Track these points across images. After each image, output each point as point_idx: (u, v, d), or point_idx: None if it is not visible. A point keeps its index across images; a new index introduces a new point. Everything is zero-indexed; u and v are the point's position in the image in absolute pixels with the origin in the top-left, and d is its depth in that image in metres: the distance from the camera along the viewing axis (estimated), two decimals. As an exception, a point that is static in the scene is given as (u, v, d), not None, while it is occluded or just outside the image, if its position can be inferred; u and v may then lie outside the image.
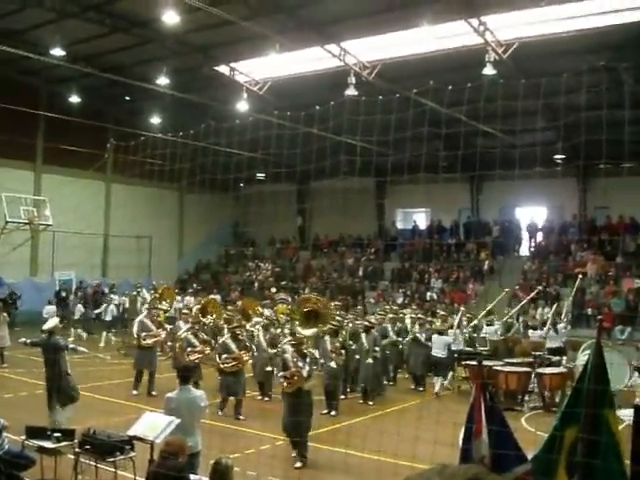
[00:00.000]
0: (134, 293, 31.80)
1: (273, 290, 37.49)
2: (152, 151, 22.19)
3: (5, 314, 23.52)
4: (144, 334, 18.90)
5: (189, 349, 17.59)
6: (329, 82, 26.78)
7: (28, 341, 14.53)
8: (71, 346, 13.74)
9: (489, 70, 22.87)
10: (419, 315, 24.03)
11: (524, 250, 36.49)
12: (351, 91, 24.87)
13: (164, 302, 24.16)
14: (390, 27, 23.77)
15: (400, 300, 33.24)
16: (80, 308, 29.96)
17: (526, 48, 23.54)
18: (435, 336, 20.56)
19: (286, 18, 24.12)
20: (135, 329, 19.31)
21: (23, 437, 9.83)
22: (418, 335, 21.13)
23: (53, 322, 13.53)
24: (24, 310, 30.06)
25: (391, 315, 23.04)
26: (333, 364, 16.64)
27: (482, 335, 23.95)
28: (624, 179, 27.78)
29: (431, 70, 25.02)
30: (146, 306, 22.23)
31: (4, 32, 26.34)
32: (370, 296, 35.43)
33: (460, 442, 5.85)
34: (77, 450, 9.35)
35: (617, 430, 5.47)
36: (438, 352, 20.07)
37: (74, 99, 32.17)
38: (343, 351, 17.81)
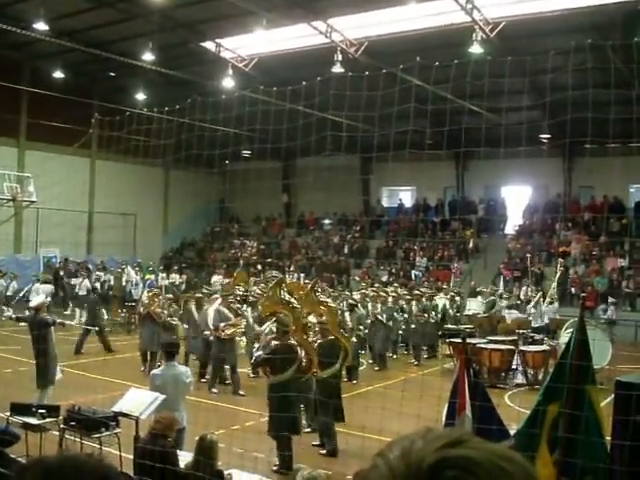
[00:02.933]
0: (119, 270, 31.75)
1: (258, 267, 37.53)
2: (137, 127, 22.05)
3: None
4: (223, 324, 16.83)
5: (223, 324, 16.82)
6: (315, 59, 26.66)
7: (14, 316, 14.55)
8: (58, 320, 13.73)
9: (476, 48, 22.87)
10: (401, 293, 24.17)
11: (509, 229, 36.63)
12: (337, 68, 24.81)
13: (239, 287, 21.77)
14: (377, 4, 23.71)
15: (385, 278, 33.33)
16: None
17: (513, 27, 23.55)
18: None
19: (273, -6, 24.00)
20: (211, 320, 17.30)
21: (8, 413, 9.82)
22: (379, 316, 21.17)
23: (40, 299, 13.51)
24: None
25: (372, 293, 23.01)
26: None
27: (466, 313, 24.24)
28: (609, 159, 27.96)
29: (418, 48, 24.90)
30: (217, 294, 20.39)
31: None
32: (355, 274, 35.51)
33: (444, 418, 5.91)
34: (62, 426, 9.35)
35: (599, 405, 5.54)
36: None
37: (58, 74, 31.88)
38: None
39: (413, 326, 21.88)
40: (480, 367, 17.19)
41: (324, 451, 11.57)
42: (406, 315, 22.41)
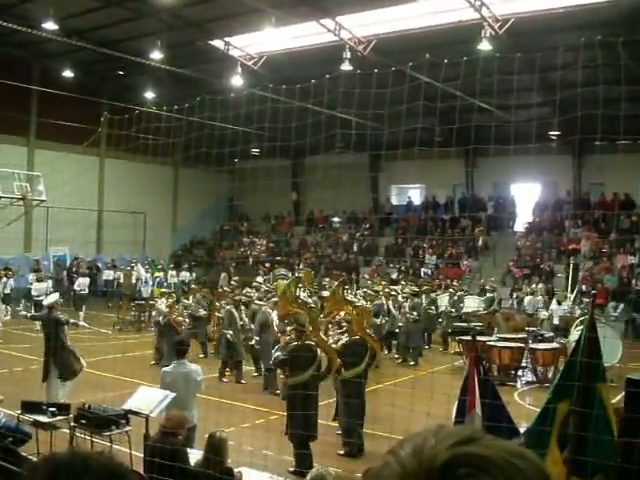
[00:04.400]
0: (128, 268, 31.80)
1: (267, 265, 37.56)
2: (146, 125, 22.08)
3: None
4: (289, 328, 15.88)
5: (289, 328, 16.09)
6: (324, 57, 26.66)
7: (29, 315, 14.65)
8: (72, 321, 13.78)
9: (485, 45, 22.81)
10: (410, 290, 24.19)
11: (518, 226, 36.53)
12: (346, 66, 24.79)
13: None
14: (386, 2, 23.67)
15: (394, 276, 33.29)
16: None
17: (522, 23, 23.48)
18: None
19: (281, -8, 23.99)
20: (276, 322, 17.06)
21: (19, 411, 9.85)
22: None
23: (53, 297, 13.58)
24: (19, 286, 29.92)
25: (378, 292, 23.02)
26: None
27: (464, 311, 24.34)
28: (619, 156, 27.76)
29: (427, 46, 24.85)
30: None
31: (-4, 6, 26.18)
32: (365, 272, 35.48)
33: (453, 416, 5.90)
34: (72, 424, 9.38)
35: (609, 403, 5.52)
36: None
37: (67, 74, 31.98)
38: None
39: (400, 324, 21.66)
40: (490, 365, 17.16)
41: (342, 451, 11.50)
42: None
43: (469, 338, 11.62)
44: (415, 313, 21.49)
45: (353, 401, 11.29)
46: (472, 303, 25.14)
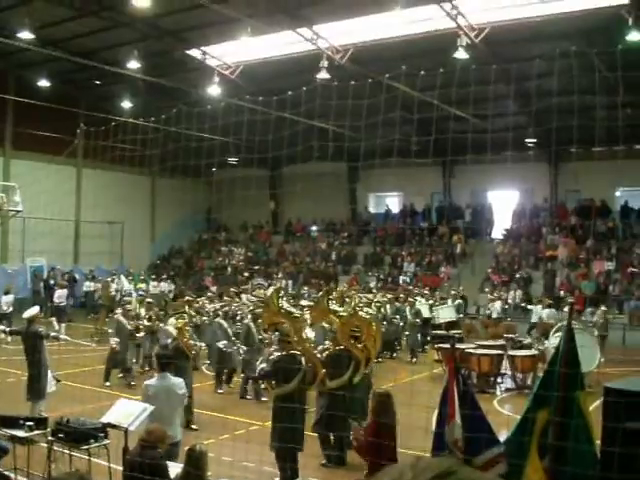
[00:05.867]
0: (108, 279, 31.64)
1: (246, 274, 37.51)
2: (123, 136, 21.99)
3: None
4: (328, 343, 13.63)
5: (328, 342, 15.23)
6: (301, 66, 26.70)
7: (7, 329, 14.51)
8: (52, 334, 13.67)
9: (461, 54, 22.94)
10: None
11: (496, 233, 36.70)
12: (323, 75, 24.83)
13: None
14: (363, 11, 23.77)
15: (373, 284, 33.34)
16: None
17: (498, 32, 23.64)
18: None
19: (258, 1, 23.97)
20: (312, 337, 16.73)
21: (-5, 426, 9.75)
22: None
23: (33, 310, 13.45)
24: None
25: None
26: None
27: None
28: (595, 163, 28.03)
29: (404, 54, 25.03)
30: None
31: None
32: (343, 280, 35.51)
33: (434, 426, 5.90)
34: (50, 438, 9.30)
35: (588, 412, 5.54)
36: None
37: (43, 83, 31.78)
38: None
39: None
40: (469, 372, 17.20)
41: (324, 461, 11.40)
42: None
43: (447, 346, 11.64)
44: (385, 322, 21.65)
45: (332, 412, 11.19)
46: (446, 312, 25.22)
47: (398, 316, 23.94)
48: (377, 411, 8.44)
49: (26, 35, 25.47)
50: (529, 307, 27.40)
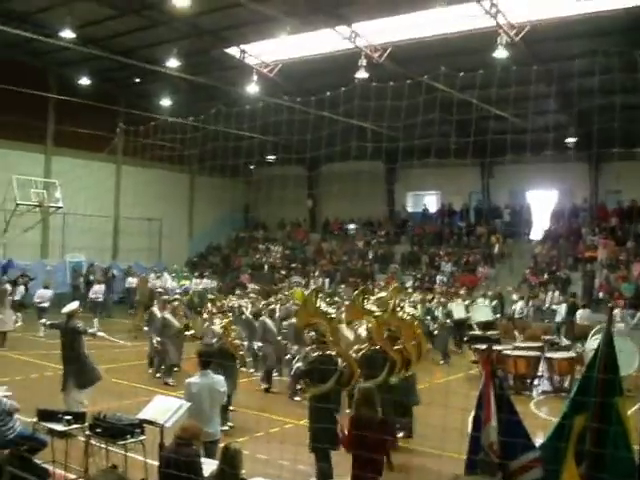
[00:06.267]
0: (144, 275, 31.91)
1: (283, 272, 37.60)
2: (163, 134, 22.18)
3: (10, 297, 23.50)
4: None
5: None
6: (339, 64, 26.66)
7: (48, 322, 14.67)
8: (90, 330, 13.78)
9: (501, 53, 22.73)
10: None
11: (535, 234, 36.32)
12: (361, 74, 24.78)
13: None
14: (402, 9, 23.68)
15: (409, 284, 33.20)
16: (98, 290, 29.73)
17: (538, 30, 23.39)
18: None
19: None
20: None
21: (34, 419, 9.88)
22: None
23: (72, 306, 13.56)
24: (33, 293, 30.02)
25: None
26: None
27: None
28: (637, 163, 27.66)
29: (442, 52, 24.91)
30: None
31: (14, 14, 26.38)
32: (380, 279, 35.40)
33: (469, 429, 5.85)
34: (88, 433, 9.38)
35: (627, 418, 5.46)
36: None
37: (84, 82, 32.17)
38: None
39: None
40: (506, 374, 17.05)
41: None
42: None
43: (484, 347, 11.51)
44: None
45: None
46: (482, 313, 24.98)
47: (429, 316, 23.74)
48: (358, 404, 8.40)
49: (67, 34, 25.82)
50: (553, 307, 27.15)
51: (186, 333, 18.46)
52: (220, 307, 19.98)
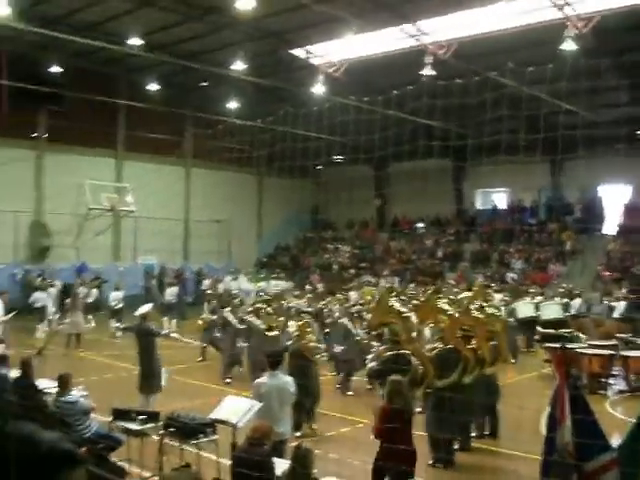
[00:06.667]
0: (214, 277, 32.25)
1: (352, 272, 37.59)
2: (231, 137, 22.41)
3: (82, 300, 23.97)
4: None
5: None
6: (405, 62, 26.52)
7: (122, 326, 14.99)
8: (164, 332, 14.00)
9: (569, 45, 22.31)
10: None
11: (607, 229, 35.55)
12: (428, 71, 24.63)
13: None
14: (466, 4, 23.43)
15: (479, 282, 32.82)
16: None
17: (608, 21, 22.87)
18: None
19: (361, -1, 23.98)
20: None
21: (110, 419, 10.09)
22: None
23: (146, 308, 13.81)
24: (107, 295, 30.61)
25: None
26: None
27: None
28: None
29: (508, 47, 24.57)
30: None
31: (84, 24, 26.99)
32: (450, 278, 35.13)
33: (543, 430, 5.76)
34: (162, 432, 9.54)
35: None
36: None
37: (153, 87, 32.71)
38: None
39: None
40: (579, 373, 16.72)
41: (430, 462, 10.99)
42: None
43: (557, 346, 11.27)
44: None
45: (438, 413, 10.95)
46: (552, 310, 24.49)
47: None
48: (390, 396, 8.64)
49: (135, 41, 26.34)
50: (612, 304, 26.48)
51: (269, 334, 18.15)
52: (277, 308, 20.06)
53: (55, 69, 29.70)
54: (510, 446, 9.42)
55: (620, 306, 25.08)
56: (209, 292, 25.28)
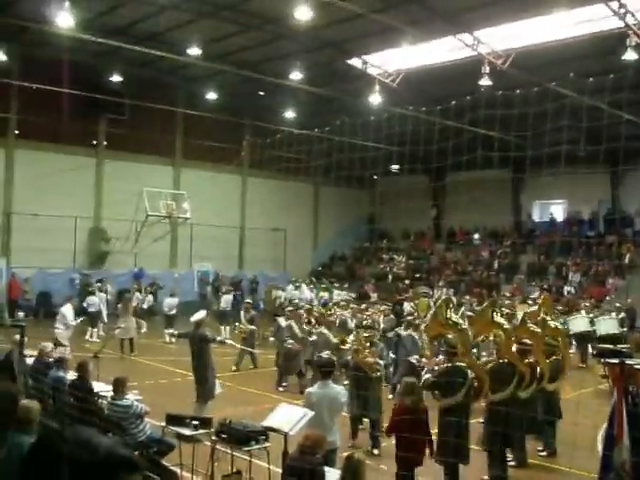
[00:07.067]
0: (270, 285, 32.37)
1: (407, 282, 37.39)
2: (288, 147, 22.50)
3: (135, 305, 24.24)
4: None
5: None
6: (462, 72, 26.36)
7: (176, 332, 15.11)
8: (218, 338, 14.06)
9: (630, 55, 21.90)
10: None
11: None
12: (485, 81, 24.45)
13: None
14: (524, 14, 23.21)
15: (536, 294, 32.36)
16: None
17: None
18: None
19: (418, 8, 23.90)
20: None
21: (163, 423, 10.17)
22: None
23: (200, 315, 13.88)
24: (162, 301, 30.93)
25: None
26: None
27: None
28: None
29: (568, 57, 24.28)
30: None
31: (144, 34, 27.41)
32: (505, 290, 34.70)
33: (600, 447, 5.64)
34: (214, 438, 9.57)
35: None
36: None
37: (210, 96, 33.07)
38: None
39: None
40: (638, 390, 16.30)
41: (486, 477, 10.76)
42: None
43: (615, 361, 10.97)
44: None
45: (492, 428, 10.76)
46: (608, 325, 23.94)
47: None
48: (403, 394, 9.62)
49: (194, 51, 26.65)
50: None
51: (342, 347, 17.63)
52: (319, 317, 19.93)
53: (116, 78, 30.29)
54: (566, 463, 9.22)
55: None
56: (247, 301, 24.77)
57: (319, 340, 17.36)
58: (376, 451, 12.25)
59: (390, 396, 16.24)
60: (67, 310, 19.94)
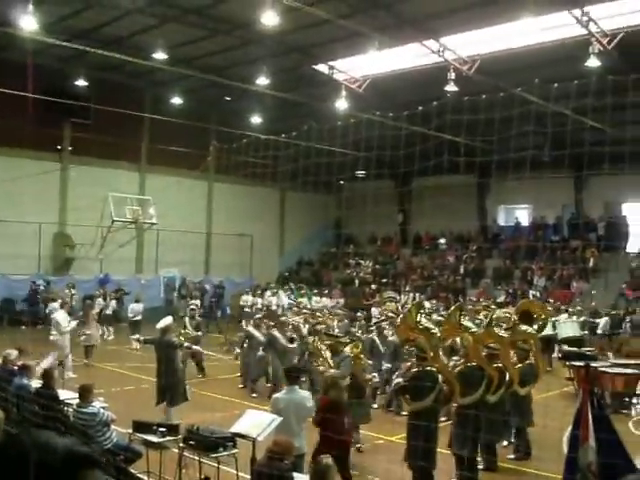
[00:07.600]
0: (237, 291, 32.30)
1: (373, 287, 37.47)
2: (254, 152, 22.46)
3: (94, 312, 23.98)
4: None
5: None
6: (429, 78, 26.54)
7: (142, 338, 14.99)
8: (185, 344, 13.98)
9: (593, 62, 22.22)
10: None
11: (632, 247, 35.19)
12: (451, 87, 24.64)
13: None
14: (490, 20, 23.43)
15: (502, 298, 32.63)
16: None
17: (633, 37, 22.76)
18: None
19: (384, 15, 24.03)
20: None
21: (130, 431, 10.09)
22: None
23: (167, 321, 13.81)
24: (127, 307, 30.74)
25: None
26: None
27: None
28: None
29: (533, 63, 24.52)
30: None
31: (110, 38, 27.22)
32: (471, 294, 34.92)
33: (565, 449, 5.69)
34: (181, 445, 9.52)
35: None
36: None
37: (176, 101, 32.95)
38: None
39: None
40: (603, 392, 16.51)
41: None
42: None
43: (580, 364, 11.09)
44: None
45: (460, 431, 10.78)
46: (569, 329, 24.20)
47: None
48: (326, 388, 10.02)
49: (160, 55, 26.53)
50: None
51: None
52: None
53: (81, 82, 30.02)
54: (535, 466, 9.29)
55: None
56: (192, 307, 24.35)
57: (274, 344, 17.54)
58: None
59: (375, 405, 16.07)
60: (60, 316, 19.60)
